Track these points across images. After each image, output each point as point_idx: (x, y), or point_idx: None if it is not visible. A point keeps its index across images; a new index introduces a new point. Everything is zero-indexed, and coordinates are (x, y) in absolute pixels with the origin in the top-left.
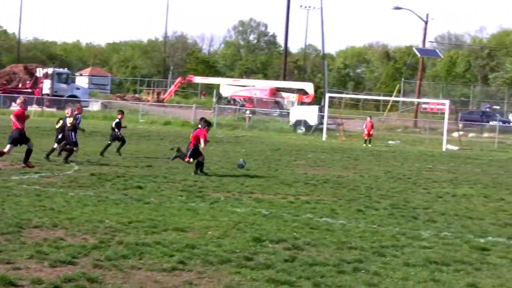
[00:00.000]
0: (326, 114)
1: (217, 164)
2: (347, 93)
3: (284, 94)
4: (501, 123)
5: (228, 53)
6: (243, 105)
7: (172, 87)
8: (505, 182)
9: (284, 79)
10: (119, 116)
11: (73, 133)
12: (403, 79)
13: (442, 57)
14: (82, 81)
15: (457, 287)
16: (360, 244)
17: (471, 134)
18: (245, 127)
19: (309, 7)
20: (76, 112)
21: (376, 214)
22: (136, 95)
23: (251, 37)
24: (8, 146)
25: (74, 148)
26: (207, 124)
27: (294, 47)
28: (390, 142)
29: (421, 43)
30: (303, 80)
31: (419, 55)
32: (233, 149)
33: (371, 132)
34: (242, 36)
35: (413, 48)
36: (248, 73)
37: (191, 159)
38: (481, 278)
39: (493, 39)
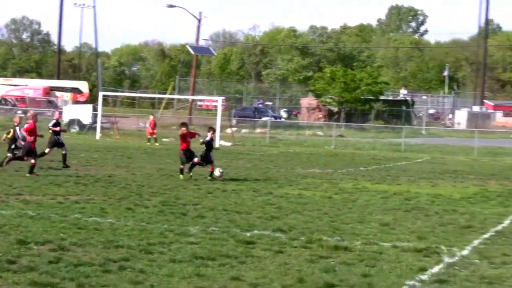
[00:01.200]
0: (100, 112)
1: None
2: (122, 91)
3: (58, 93)
4: (273, 119)
5: (0, 52)
6: (14, 105)
7: None
8: (274, 176)
9: (58, 78)
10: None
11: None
12: (178, 76)
13: (215, 54)
14: None
15: (221, 281)
16: (127, 242)
17: (244, 130)
18: None
19: (83, 5)
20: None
21: (145, 211)
22: None
23: (24, 36)
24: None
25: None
26: (182, 125)
27: (69, 46)
28: (164, 139)
29: (195, 41)
30: (78, 79)
31: (193, 52)
32: (3, 151)
33: (154, 131)
34: (15, 34)
35: (187, 46)
36: (22, 72)
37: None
38: (245, 271)
39: (266, 36)
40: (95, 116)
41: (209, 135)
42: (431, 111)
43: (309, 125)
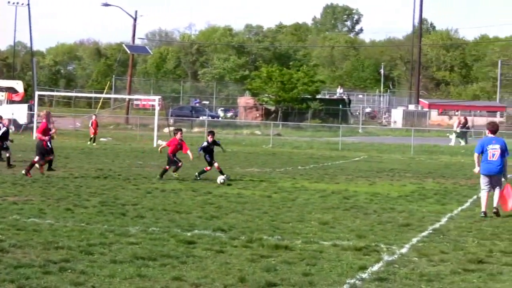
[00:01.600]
0: (36, 112)
1: None
2: (58, 91)
3: None
4: (210, 118)
5: None
6: None
7: None
8: (213, 175)
9: None
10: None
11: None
12: (114, 76)
13: (151, 53)
14: None
15: (162, 281)
16: (67, 243)
17: None
18: None
19: (17, 3)
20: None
21: (85, 212)
22: None
23: None
24: (37, 157)
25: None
26: (176, 131)
27: (3, 44)
28: (102, 139)
29: (131, 40)
30: (13, 78)
31: (129, 51)
32: None
33: (96, 130)
34: None
35: (123, 45)
36: None
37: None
38: (186, 271)
39: (202, 35)
40: (31, 116)
41: (209, 139)
42: (368, 109)
43: (247, 124)
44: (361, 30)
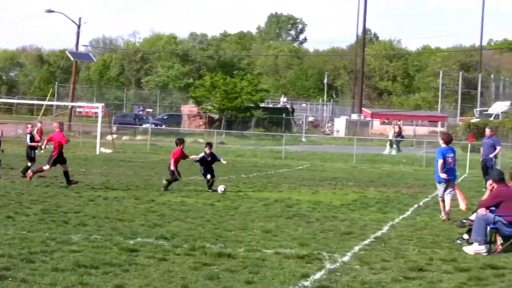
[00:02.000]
0: None
1: None
2: (0, 98)
3: None
4: (153, 126)
5: None
6: None
7: None
8: (156, 183)
9: None
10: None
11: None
12: (57, 83)
13: (95, 60)
14: None
15: None
16: (8, 251)
17: (124, 137)
18: None
19: None
20: None
21: (26, 220)
22: None
23: None
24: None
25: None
26: (180, 141)
27: None
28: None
29: (75, 47)
30: None
31: (72, 58)
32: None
33: (41, 138)
34: None
35: (67, 52)
36: None
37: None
38: (129, 279)
39: (146, 43)
40: None
41: (206, 150)
42: (311, 118)
43: (190, 132)
44: (305, 39)
